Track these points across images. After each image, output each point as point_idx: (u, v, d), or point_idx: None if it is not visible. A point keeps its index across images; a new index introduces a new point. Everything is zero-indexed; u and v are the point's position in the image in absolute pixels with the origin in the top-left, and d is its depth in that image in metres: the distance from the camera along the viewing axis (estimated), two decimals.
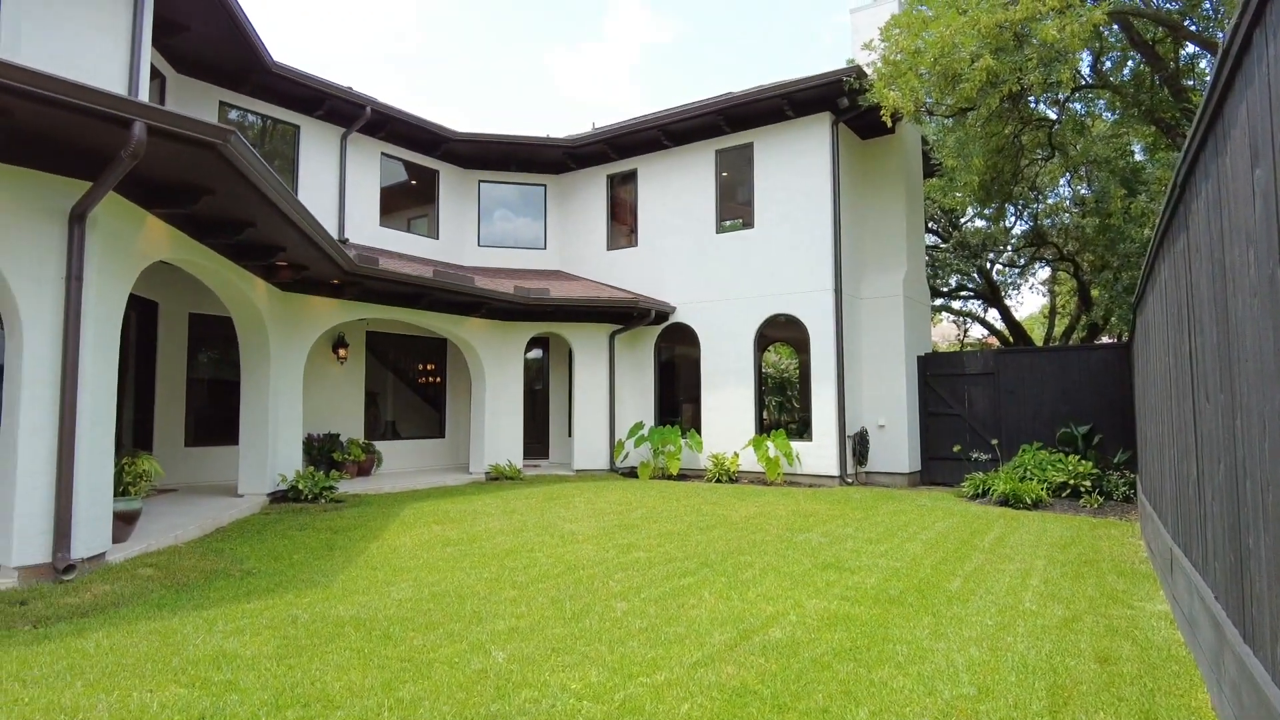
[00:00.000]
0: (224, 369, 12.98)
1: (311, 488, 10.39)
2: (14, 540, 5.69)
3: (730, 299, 14.49)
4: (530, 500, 10.93)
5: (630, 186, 16.30)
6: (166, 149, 5.78)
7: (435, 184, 16.61)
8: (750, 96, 13.82)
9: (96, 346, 6.23)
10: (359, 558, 6.95)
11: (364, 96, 14.11)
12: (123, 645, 4.42)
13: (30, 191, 5.82)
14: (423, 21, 59.76)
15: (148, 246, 7.15)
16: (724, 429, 14.30)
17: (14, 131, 5.41)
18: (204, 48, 11.68)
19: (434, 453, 16.02)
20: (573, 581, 6.11)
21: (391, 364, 15.80)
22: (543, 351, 17.09)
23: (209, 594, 5.63)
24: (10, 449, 5.75)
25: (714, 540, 7.96)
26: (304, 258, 9.50)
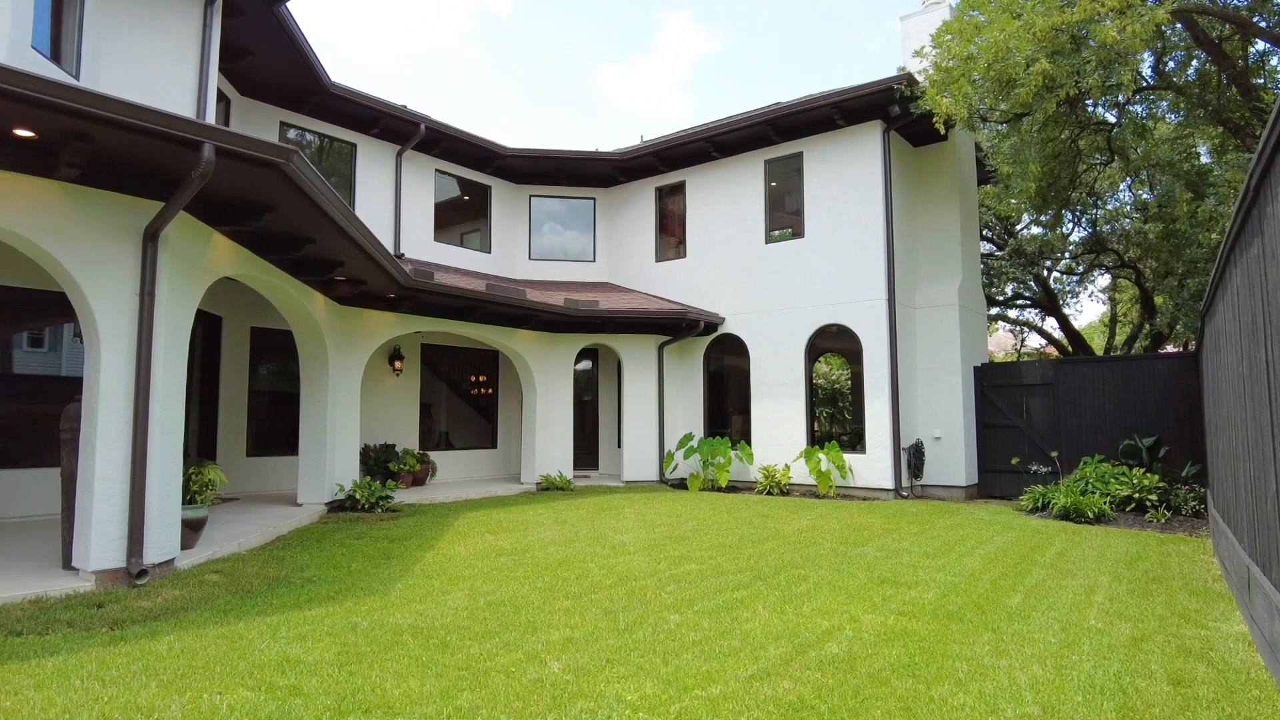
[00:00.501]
0: (283, 381, 13.35)
1: (368, 497, 10.60)
2: (92, 546, 5.92)
3: (780, 309, 14.40)
4: (581, 511, 10.99)
5: (678, 198, 16.35)
6: (233, 169, 5.99)
7: (487, 199, 16.89)
8: (799, 106, 13.76)
9: (167, 360, 6.47)
10: (415, 567, 7.07)
11: (418, 114, 14.43)
12: (193, 648, 4.56)
13: (108, 212, 6.09)
14: (474, 38, 60.91)
15: (214, 263, 7.42)
16: (774, 441, 14.19)
17: (95, 155, 5.67)
18: (266, 71, 12.10)
19: (486, 463, 16.22)
20: (625, 593, 6.12)
21: (445, 375, 16.06)
22: (592, 363, 17.20)
23: (272, 600, 5.77)
24: (89, 458, 6.01)
25: (766, 553, 7.89)
26: (362, 272, 9.73)
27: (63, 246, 5.87)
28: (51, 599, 5.54)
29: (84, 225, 5.97)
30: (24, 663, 4.24)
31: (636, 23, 61.94)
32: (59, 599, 5.55)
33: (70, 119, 5.10)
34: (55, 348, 10.33)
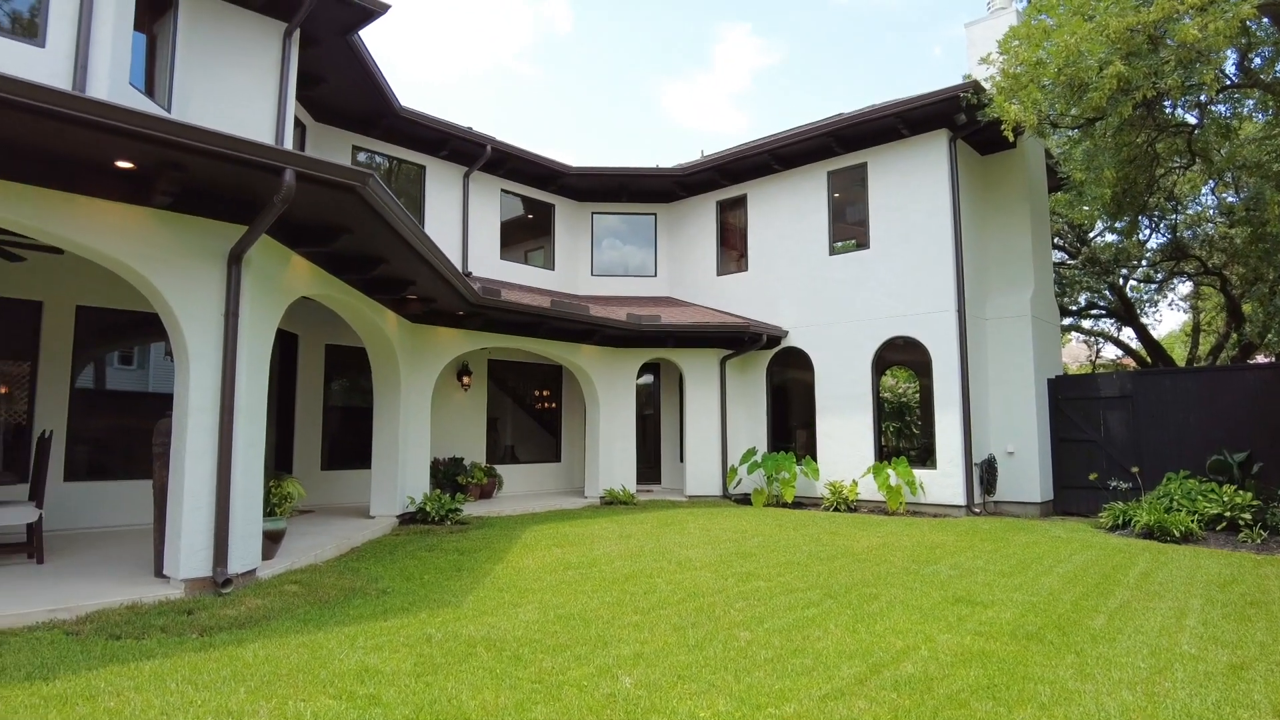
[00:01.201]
0: (355, 396, 13.75)
1: (438, 510, 10.81)
2: (181, 555, 6.19)
3: (845, 322, 14.21)
4: (645, 525, 11.00)
5: (739, 212, 16.32)
6: (311, 193, 6.22)
7: (551, 217, 17.16)
8: (862, 117, 13.62)
9: (250, 377, 6.74)
10: (485, 579, 7.18)
11: (484, 136, 14.77)
12: (276, 656, 4.72)
13: (196, 237, 6.40)
14: (534, 57, 62.08)
15: (293, 283, 7.71)
16: (841, 456, 13.98)
17: (186, 183, 5.97)
18: (339, 97, 12.56)
19: (550, 476, 16.38)
20: (694, 609, 6.10)
21: (510, 390, 16.31)
22: (654, 377, 17.26)
23: (349, 611, 5.93)
24: (179, 471, 6.29)
25: (836, 571, 7.77)
26: (433, 291, 9.99)
27: (156, 270, 6.19)
28: (146, 605, 5.81)
29: (175, 250, 6.29)
30: (124, 665, 4.46)
31: (695, 37, 62.20)
32: (152, 605, 5.81)
33: (166, 150, 5.39)
34: (143, 365, 10.86)
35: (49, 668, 4.39)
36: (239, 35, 9.83)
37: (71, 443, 9.52)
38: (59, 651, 4.69)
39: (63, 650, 4.72)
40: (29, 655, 4.60)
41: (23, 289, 9.27)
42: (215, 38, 9.65)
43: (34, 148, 5.42)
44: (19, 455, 9.20)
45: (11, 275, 9.06)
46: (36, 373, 9.38)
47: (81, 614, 5.53)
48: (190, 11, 9.41)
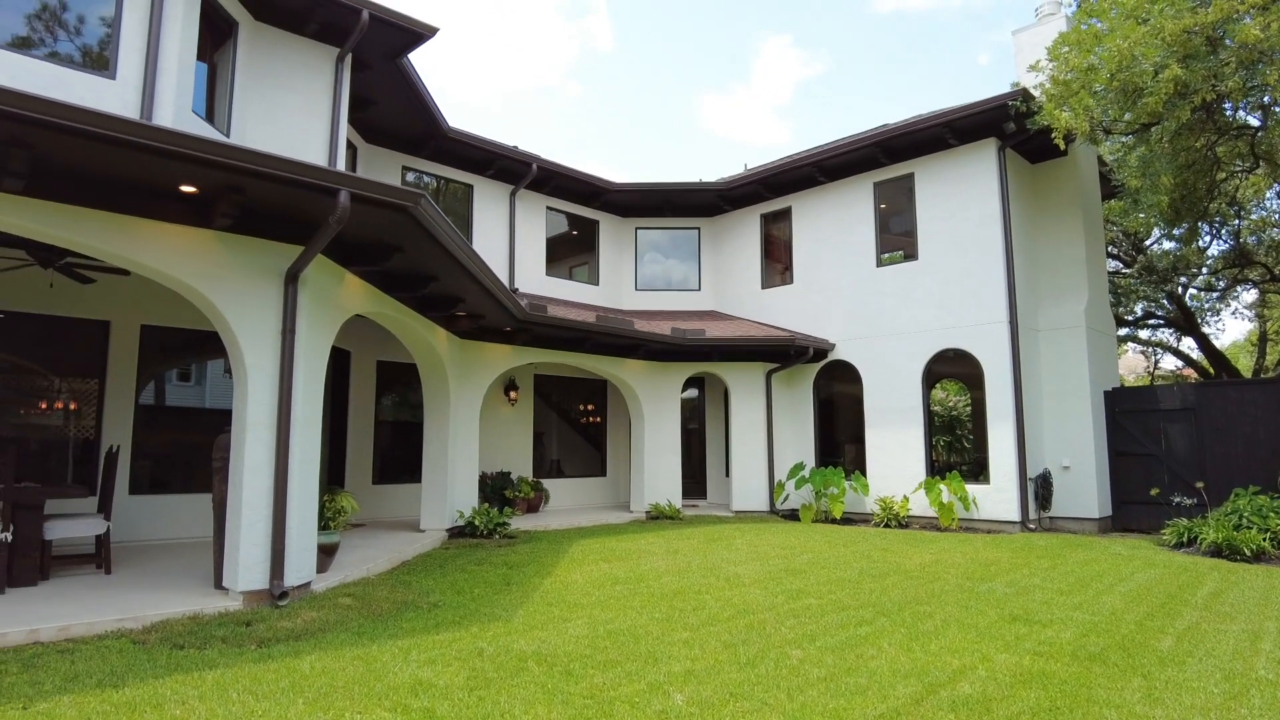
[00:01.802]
0: (404, 411, 13.98)
1: (486, 523, 10.91)
2: (239, 568, 6.34)
3: (894, 334, 14.02)
4: (692, 541, 10.94)
5: (784, 224, 16.24)
6: (365, 213, 6.37)
7: (595, 233, 17.30)
8: (908, 127, 13.49)
9: (306, 393, 6.90)
10: (535, 593, 7.21)
11: (529, 155, 14.97)
12: (332, 668, 4.80)
13: (254, 257, 6.60)
14: (577, 75, 62.82)
15: (347, 301, 7.89)
16: (890, 471, 13.76)
17: (245, 206, 6.16)
18: (389, 119, 12.86)
19: (596, 491, 16.42)
20: (744, 626, 6.05)
21: (556, 405, 16.42)
22: (699, 391, 17.22)
23: (401, 624, 6.00)
24: (237, 486, 6.46)
25: (888, 588, 7.63)
26: (481, 308, 10.13)
27: (216, 290, 6.39)
28: (207, 616, 5.96)
29: (234, 270, 6.49)
30: (188, 674, 4.57)
31: (736, 50, 62.30)
32: (213, 616, 5.96)
33: (227, 174, 5.57)
34: (201, 381, 11.19)
35: (118, 675, 4.52)
36: (293, 61, 10.15)
37: (135, 457, 9.84)
38: (127, 660, 4.84)
39: (130, 659, 4.87)
40: (100, 663, 4.75)
41: (92, 309, 9.65)
42: (271, 64, 9.97)
43: (104, 174, 5.65)
44: (88, 469, 9.55)
45: (82, 296, 9.44)
46: (104, 389, 9.74)
47: (147, 623, 5.70)
48: (248, 40, 9.74)
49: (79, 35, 7.98)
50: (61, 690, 4.28)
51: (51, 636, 5.34)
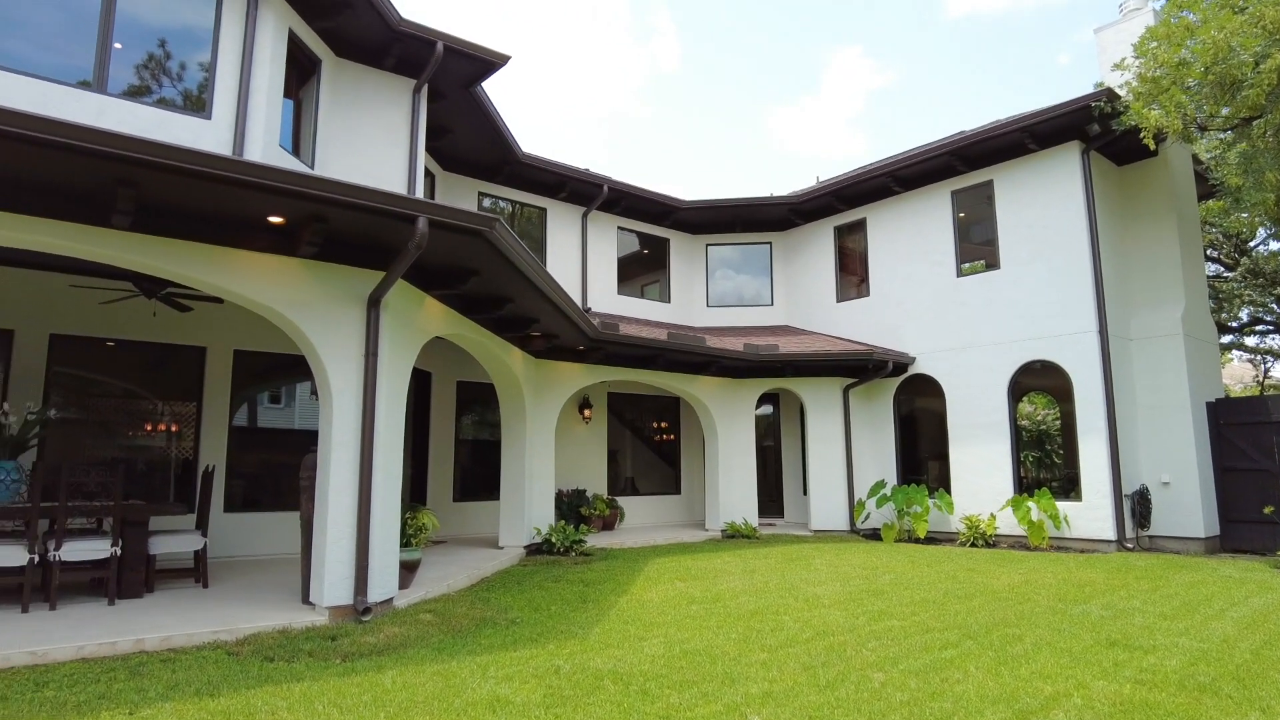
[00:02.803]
0: (482, 430, 14.26)
1: (563, 541, 11.00)
2: (325, 584, 6.55)
3: (977, 346, 13.58)
4: (769, 560, 10.78)
5: (859, 236, 15.98)
6: (442, 238, 6.55)
7: (666, 251, 17.37)
8: (986, 133, 13.11)
9: (388, 414, 7.11)
10: (610, 611, 7.21)
11: (600, 177, 15.18)
12: (413, 683, 4.89)
13: (339, 283, 6.86)
14: (646, 96, 63.48)
15: (427, 323, 8.11)
16: (976, 488, 13.28)
17: (329, 234, 6.42)
18: (465, 146, 13.24)
19: (670, 508, 16.37)
20: (823, 648, 5.91)
21: (629, 422, 16.48)
22: (773, 408, 17.01)
23: (480, 640, 6.09)
24: (323, 504, 6.69)
25: (974, 610, 7.35)
26: (555, 327, 10.28)
27: (303, 315, 6.66)
28: (295, 630, 6.17)
29: (320, 295, 6.76)
30: (277, 686, 4.74)
31: (804, 64, 61.91)
32: (301, 630, 6.17)
33: (313, 204, 5.83)
34: (289, 403, 11.67)
35: (214, 685, 4.72)
36: (373, 94, 10.56)
37: (229, 476, 10.31)
38: (222, 670, 5.05)
39: (225, 669, 5.08)
40: (198, 673, 4.97)
41: (190, 336, 10.19)
42: (352, 98, 10.40)
43: (201, 209, 5.99)
44: (187, 488, 10.05)
45: (181, 324, 9.99)
46: (201, 412, 10.26)
47: (240, 636, 5.94)
48: (331, 76, 10.20)
49: (180, 81, 8.50)
50: (164, 698, 4.49)
51: (155, 646, 5.62)
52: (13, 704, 4.37)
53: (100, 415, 9.94)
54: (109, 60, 8.00)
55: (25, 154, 4.92)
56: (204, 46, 8.56)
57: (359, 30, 9.88)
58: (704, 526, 14.69)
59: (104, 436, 9.89)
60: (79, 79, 7.84)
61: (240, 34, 8.64)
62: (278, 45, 8.95)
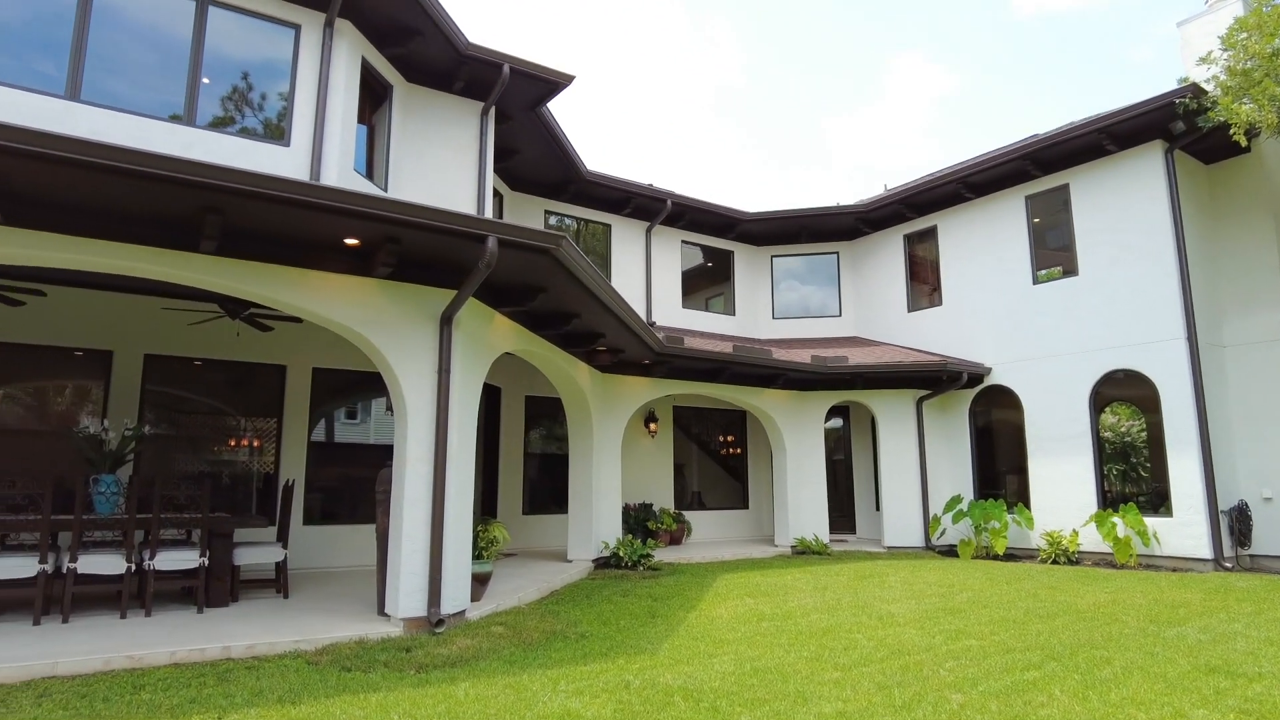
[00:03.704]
0: (549, 444, 14.42)
1: (630, 555, 11.01)
2: (400, 596, 6.70)
3: (1055, 356, 13.11)
4: (841, 577, 10.57)
5: (929, 244, 15.64)
6: (511, 257, 6.68)
7: (730, 264, 17.31)
8: (1061, 136, 12.69)
9: (460, 429, 7.25)
10: (680, 627, 7.17)
11: (664, 192, 15.25)
12: (486, 695, 4.95)
13: (412, 302, 7.05)
14: (708, 105, 63.49)
15: (497, 340, 8.26)
16: (1057, 503, 12.77)
17: (402, 254, 6.61)
18: (531, 166, 13.48)
19: (738, 524, 16.21)
20: (898, 667, 5.75)
21: (695, 436, 16.42)
22: (843, 421, 16.72)
23: (550, 654, 6.12)
24: (398, 517, 6.85)
25: (1057, 630, 7.05)
26: (621, 342, 10.34)
27: (378, 333, 6.87)
28: (371, 641, 6.31)
29: (394, 314, 6.95)
30: (354, 695, 4.85)
31: (867, 71, 61.02)
32: (376, 641, 6.31)
33: (387, 226, 6.02)
34: (364, 419, 12.01)
35: (295, 693, 4.87)
36: (442, 117, 10.86)
37: (308, 490, 10.66)
38: (302, 679, 5.20)
39: (305, 678, 5.23)
40: (279, 680, 5.14)
41: (270, 355, 10.61)
42: (422, 122, 10.71)
43: (281, 232, 6.24)
44: (268, 501, 10.43)
45: (262, 343, 10.40)
46: (281, 427, 10.65)
47: (319, 645, 6.11)
48: (402, 101, 10.53)
49: (260, 110, 8.90)
50: (249, 703, 4.65)
51: (241, 653, 5.83)
52: (114, 704, 4.60)
53: (188, 431, 10.42)
54: (198, 95, 8.44)
55: (129, 186, 5.23)
56: (283, 77, 8.95)
57: (428, 56, 10.19)
58: (773, 542, 14.50)
59: (191, 451, 10.35)
60: (170, 113, 8.30)
61: (316, 64, 9.01)
62: (351, 73, 9.30)
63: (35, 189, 5.31)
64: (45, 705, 4.55)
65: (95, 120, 7.66)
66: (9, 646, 5.69)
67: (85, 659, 5.37)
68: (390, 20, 9.49)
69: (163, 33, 8.41)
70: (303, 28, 9.02)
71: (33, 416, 9.72)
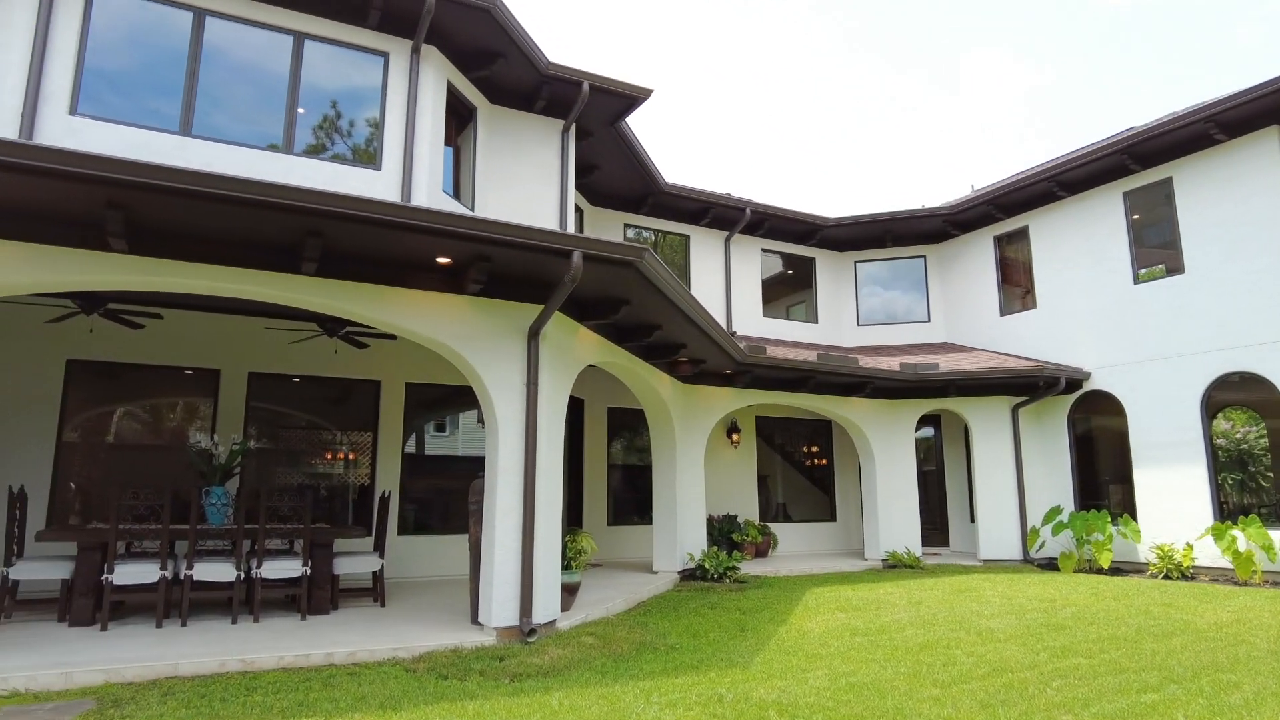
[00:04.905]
0: (631, 455, 14.48)
1: (716, 567, 10.93)
2: (494, 605, 6.83)
3: (1161, 359, 12.42)
4: (936, 591, 10.24)
5: (1021, 245, 15.08)
6: (595, 270, 6.76)
7: (812, 270, 17.08)
8: (1162, 127, 12.06)
9: (548, 440, 7.37)
10: (770, 641, 7.08)
11: (742, 200, 15.18)
12: (579, 706, 4.98)
13: (501, 318, 7.22)
14: (783, 108, 62.99)
15: (582, 352, 8.37)
16: (1166, 514, 12.07)
17: (491, 271, 6.78)
18: (611, 181, 13.64)
19: (825, 536, 15.90)
20: (1001, 685, 5.52)
21: (779, 447, 16.22)
22: (934, 430, 16.22)
23: (641, 665, 6.13)
24: (490, 527, 6.99)
25: (1175, 650, 6.65)
26: (702, 352, 10.33)
27: (470, 348, 7.05)
28: (465, 649, 6.45)
29: (484, 329, 7.13)
30: (452, 703, 4.96)
31: (948, 69, 59.43)
32: (471, 650, 6.45)
33: (478, 244, 6.19)
34: (453, 432, 12.32)
35: (396, 700, 5.01)
36: (524, 136, 11.10)
37: (401, 501, 10.99)
38: (402, 686, 5.35)
39: (405, 685, 5.38)
40: (380, 687, 5.30)
41: (366, 371, 11.01)
42: (505, 141, 10.98)
43: (376, 253, 6.48)
44: (363, 512, 10.81)
45: (358, 360, 10.81)
46: (376, 441, 11.02)
47: (416, 653, 6.28)
48: (486, 122, 10.81)
49: (350, 137, 9.29)
50: (353, 708, 4.81)
51: (342, 660, 6.05)
52: (231, 705, 4.83)
53: (288, 445, 10.90)
54: (295, 124, 8.87)
55: (240, 214, 5.54)
56: (373, 104, 9.32)
57: (511, 77, 10.44)
58: (862, 555, 14.16)
59: (291, 464, 10.82)
60: (269, 143, 8.75)
61: (405, 89, 9.35)
62: (438, 98, 9.61)
63: (158, 220, 5.67)
64: (170, 704, 4.82)
65: (206, 153, 8.15)
66: (136, 647, 6.06)
67: (203, 661, 5.67)
68: (474, 44, 9.78)
69: (262, 69, 8.88)
70: (391, 55, 9.39)
71: (149, 432, 10.36)
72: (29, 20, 7.80)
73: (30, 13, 7.82)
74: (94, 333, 9.44)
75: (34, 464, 9.13)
